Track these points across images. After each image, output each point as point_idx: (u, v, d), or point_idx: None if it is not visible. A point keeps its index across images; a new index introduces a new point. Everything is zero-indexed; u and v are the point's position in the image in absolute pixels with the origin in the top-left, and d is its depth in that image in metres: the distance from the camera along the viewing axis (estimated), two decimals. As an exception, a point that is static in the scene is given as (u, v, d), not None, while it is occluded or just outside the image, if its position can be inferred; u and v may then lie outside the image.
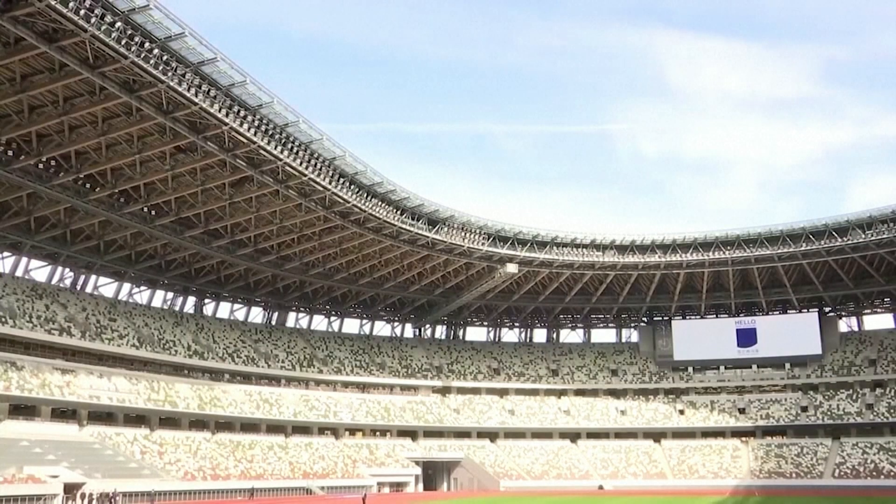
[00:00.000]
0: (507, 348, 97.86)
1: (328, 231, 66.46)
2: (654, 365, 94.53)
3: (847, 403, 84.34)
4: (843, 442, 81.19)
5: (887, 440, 79.41)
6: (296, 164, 53.04)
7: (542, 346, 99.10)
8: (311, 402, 78.94)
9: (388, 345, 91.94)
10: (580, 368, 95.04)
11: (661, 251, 79.87)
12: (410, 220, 66.87)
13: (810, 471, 77.81)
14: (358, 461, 74.29)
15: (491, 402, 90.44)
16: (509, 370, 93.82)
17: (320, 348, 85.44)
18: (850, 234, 73.07)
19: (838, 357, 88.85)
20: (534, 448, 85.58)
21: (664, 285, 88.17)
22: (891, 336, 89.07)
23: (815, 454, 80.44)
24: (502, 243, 75.33)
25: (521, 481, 78.35)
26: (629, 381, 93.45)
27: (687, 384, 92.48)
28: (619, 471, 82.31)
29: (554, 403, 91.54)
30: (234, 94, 46.81)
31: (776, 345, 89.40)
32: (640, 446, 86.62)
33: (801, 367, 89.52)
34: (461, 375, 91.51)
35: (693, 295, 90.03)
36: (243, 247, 67.19)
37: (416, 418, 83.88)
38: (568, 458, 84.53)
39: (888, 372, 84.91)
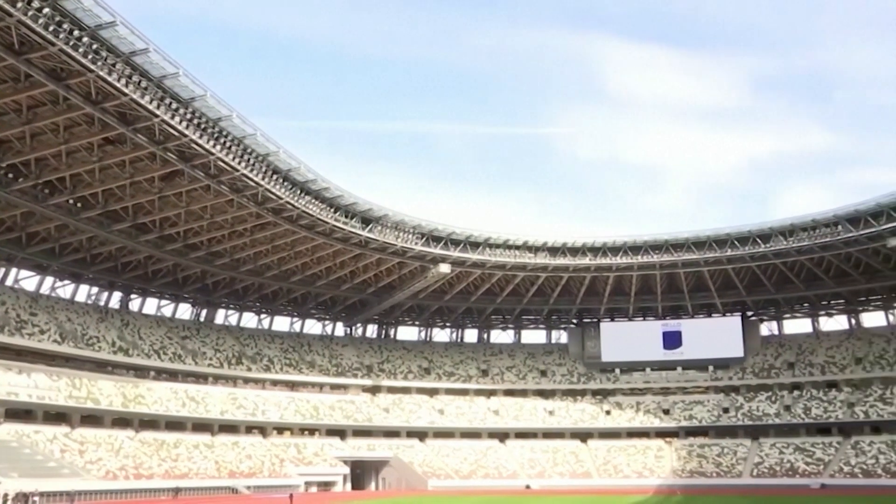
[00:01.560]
0: (437, 348, 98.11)
1: (260, 227, 65.62)
2: (582, 366, 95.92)
3: (766, 405, 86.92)
4: (761, 442, 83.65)
5: (803, 440, 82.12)
6: (228, 158, 52.24)
7: (472, 346, 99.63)
8: (239, 400, 77.88)
9: (318, 343, 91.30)
10: (510, 369, 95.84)
11: (592, 254, 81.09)
12: (344, 218, 66.49)
13: (730, 470, 79.98)
14: (285, 460, 73.60)
15: (421, 401, 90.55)
16: (440, 370, 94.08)
17: (249, 346, 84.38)
18: (772, 240, 75.36)
19: (759, 360, 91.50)
20: (462, 448, 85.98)
21: (594, 287, 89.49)
22: (808, 340, 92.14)
23: (734, 454, 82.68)
24: (435, 243, 75.47)
25: (450, 481, 78.64)
26: (558, 381, 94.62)
27: (614, 385, 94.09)
28: (546, 470, 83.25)
29: (483, 403, 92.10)
30: (165, 86, 45.83)
31: (700, 347, 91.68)
32: (567, 446, 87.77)
33: (723, 370, 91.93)
34: (391, 375, 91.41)
35: (622, 297, 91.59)
36: (172, 242, 65.85)
37: (345, 417, 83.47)
38: (496, 457, 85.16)
39: (805, 375, 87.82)
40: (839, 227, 71.14)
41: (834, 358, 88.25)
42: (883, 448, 76.86)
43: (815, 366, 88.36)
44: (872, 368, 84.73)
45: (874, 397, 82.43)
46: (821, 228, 72.37)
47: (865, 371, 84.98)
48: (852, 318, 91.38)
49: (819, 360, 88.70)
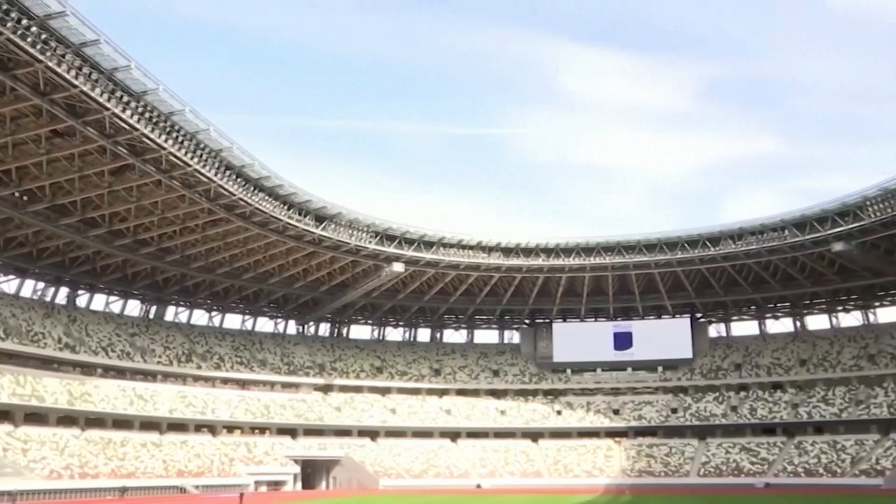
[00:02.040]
0: (390, 347, 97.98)
1: (212, 224, 64.91)
2: (534, 366, 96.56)
3: (713, 405, 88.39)
4: (708, 442, 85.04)
5: (748, 440, 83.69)
6: (180, 154, 51.60)
7: (425, 345, 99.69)
8: (189, 398, 76.92)
9: (270, 341, 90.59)
10: (462, 368, 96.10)
11: (545, 255, 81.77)
12: (297, 215, 66.10)
13: (678, 470, 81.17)
14: (235, 459, 72.89)
15: (373, 400, 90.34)
16: (392, 369, 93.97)
17: (200, 343, 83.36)
18: (721, 244, 76.85)
19: (707, 361, 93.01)
20: (414, 447, 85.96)
21: (547, 288, 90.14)
22: (755, 342, 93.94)
23: (682, 454, 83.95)
24: (389, 242, 75.41)
25: (401, 480, 78.60)
26: (510, 381, 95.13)
27: (565, 385, 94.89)
28: (496, 470, 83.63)
29: (436, 403, 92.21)
30: (117, 79, 45.11)
31: (650, 348, 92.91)
32: (519, 446, 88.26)
33: (672, 371, 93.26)
34: (344, 373, 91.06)
35: (574, 298, 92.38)
36: (122, 237, 64.79)
37: (296, 416, 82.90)
38: (447, 457, 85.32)
39: (752, 376, 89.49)
40: (786, 232, 72.86)
41: (779, 360, 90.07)
42: (825, 448, 78.70)
43: (761, 367, 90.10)
44: (816, 370, 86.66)
45: (817, 398, 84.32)
46: (768, 233, 74.04)
47: (809, 373, 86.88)
48: (797, 320, 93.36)
49: (765, 362, 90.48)
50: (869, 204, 65.42)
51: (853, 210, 67.22)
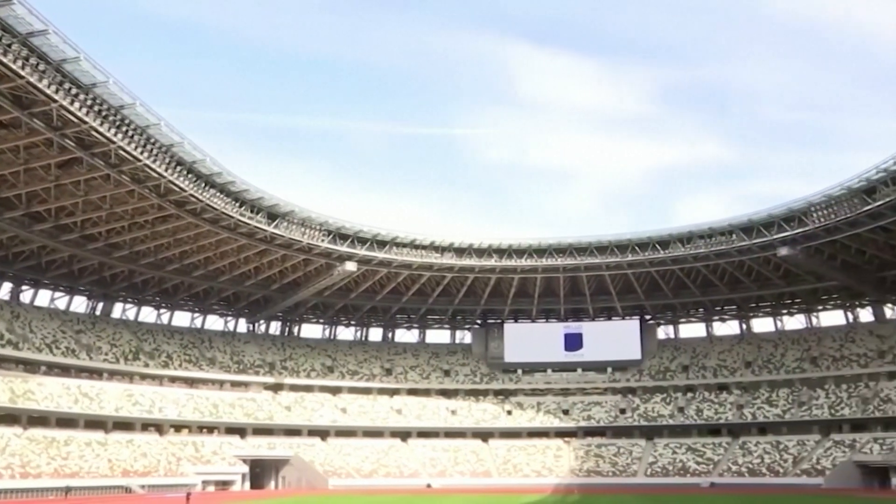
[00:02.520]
0: (341, 346, 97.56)
1: (162, 220, 64.05)
2: (485, 366, 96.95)
3: (661, 406, 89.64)
4: (655, 442, 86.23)
5: (694, 441, 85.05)
6: (130, 148, 50.84)
7: (377, 344, 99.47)
8: (136, 396, 75.73)
9: (219, 339, 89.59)
10: (414, 368, 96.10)
11: (498, 255, 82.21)
12: (249, 212, 65.56)
13: (625, 469, 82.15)
14: (182, 459, 71.93)
15: (323, 399, 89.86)
16: (343, 368, 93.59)
17: (147, 341, 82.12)
18: (671, 247, 78.12)
19: (655, 362, 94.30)
20: (364, 447, 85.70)
21: (499, 289, 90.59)
22: (702, 344, 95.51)
23: (630, 454, 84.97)
24: (342, 241, 75.14)
25: (351, 479, 78.33)
26: (461, 381, 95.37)
27: (516, 386, 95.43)
28: (447, 469, 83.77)
29: (386, 402, 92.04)
30: (65, 71, 44.29)
31: (600, 350, 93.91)
32: (469, 445, 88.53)
33: (621, 372, 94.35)
34: (294, 372, 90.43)
35: (526, 299, 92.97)
36: (68, 232, 63.49)
37: (245, 415, 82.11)
38: (398, 456, 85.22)
39: (699, 377, 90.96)
40: (733, 236, 74.29)
41: (725, 361, 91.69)
42: (768, 448, 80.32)
43: (707, 369, 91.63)
44: (760, 372, 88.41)
45: (761, 399, 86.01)
46: (716, 237, 75.42)
47: (754, 374, 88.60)
48: (743, 323, 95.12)
49: (712, 364, 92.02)
50: (813, 210, 67.04)
51: (798, 216, 68.84)
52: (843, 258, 74.72)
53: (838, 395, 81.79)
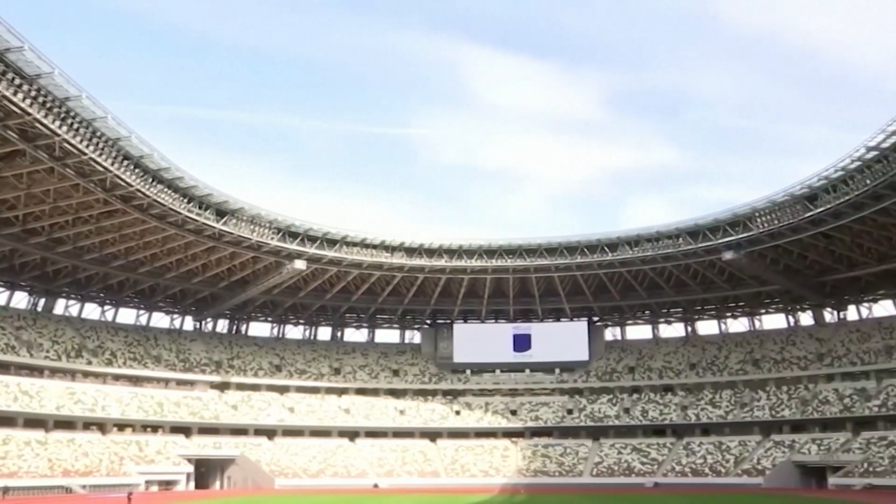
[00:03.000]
0: (290, 345, 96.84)
1: (108, 215, 62.90)
2: (434, 366, 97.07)
3: (607, 407, 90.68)
4: (601, 443, 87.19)
5: (639, 441, 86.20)
6: (75, 141, 49.86)
7: (325, 344, 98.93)
8: (78, 395, 74.22)
9: (165, 337, 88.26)
10: (363, 368, 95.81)
11: (448, 256, 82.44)
12: (198, 209, 64.75)
13: (571, 469, 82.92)
14: (125, 458, 70.71)
15: (271, 399, 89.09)
16: (291, 367, 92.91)
17: (91, 338, 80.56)
18: (619, 250, 79.27)
19: (602, 364, 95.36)
20: (312, 446, 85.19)
21: (449, 289, 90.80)
22: (648, 346, 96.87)
23: (576, 454, 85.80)
24: (292, 239, 74.61)
25: (297, 479, 77.78)
26: (410, 381, 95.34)
27: (464, 386, 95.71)
28: (394, 469, 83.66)
29: (335, 402, 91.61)
30: (8, 61, 43.28)
31: (548, 351, 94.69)
32: (417, 445, 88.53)
33: (569, 373, 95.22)
34: (241, 371, 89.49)
35: (475, 300, 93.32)
36: (9, 226, 61.97)
37: (191, 414, 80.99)
38: (345, 456, 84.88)
39: (644, 379, 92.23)
40: (680, 240, 75.61)
41: (671, 363, 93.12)
42: (711, 448, 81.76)
43: (653, 370, 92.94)
44: (704, 374, 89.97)
45: (705, 401, 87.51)
46: (664, 240, 76.70)
47: (698, 376, 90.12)
48: (688, 325, 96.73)
49: (657, 365, 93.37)
50: (758, 215, 68.58)
51: (743, 221, 70.33)
52: (785, 263, 76.53)
53: (779, 396, 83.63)
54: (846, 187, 59.54)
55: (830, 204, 61.62)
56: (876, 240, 68.50)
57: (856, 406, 76.35)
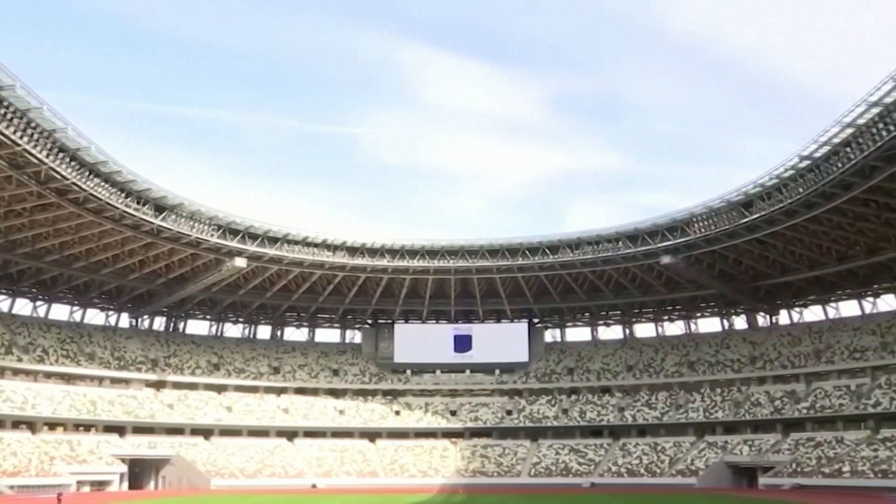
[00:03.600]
0: (228, 344, 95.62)
1: (42, 208, 61.38)
2: (374, 366, 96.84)
3: (546, 408, 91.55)
4: (540, 443, 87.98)
5: (577, 442, 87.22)
6: (8, 132, 48.60)
7: (265, 342, 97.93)
8: (7, 392, 72.15)
9: (100, 334, 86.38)
10: (302, 367, 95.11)
11: (390, 256, 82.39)
12: (135, 204, 63.61)
13: (510, 470, 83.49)
14: (56, 458, 68.98)
15: (208, 398, 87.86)
16: (230, 366, 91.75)
17: (21, 335, 78.45)
18: (560, 252, 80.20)
19: (542, 365, 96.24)
20: (249, 446, 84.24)
21: (390, 289, 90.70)
22: (587, 348, 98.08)
23: (515, 454, 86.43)
24: (232, 236, 73.73)
25: (234, 480, 76.85)
26: (350, 381, 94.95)
27: (404, 386, 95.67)
28: (333, 469, 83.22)
29: (273, 401, 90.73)
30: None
31: (489, 352, 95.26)
32: (356, 445, 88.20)
33: (509, 374, 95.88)
34: (178, 370, 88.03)
35: (417, 300, 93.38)
36: (-63, 218, 60.21)
37: (125, 413, 79.41)
38: (283, 456, 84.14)
39: (583, 380, 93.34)
40: (620, 244, 76.84)
41: (609, 365, 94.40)
42: (646, 449, 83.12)
43: (591, 372, 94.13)
44: (641, 376, 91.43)
45: (641, 402, 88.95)
46: (604, 243, 77.88)
47: (635, 378, 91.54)
48: (627, 328, 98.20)
49: (596, 367, 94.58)
50: (695, 221, 70.04)
51: (681, 226, 71.77)
52: (720, 268, 78.27)
53: (713, 398, 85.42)
54: (780, 195, 61.12)
55: (765, 211, 63.23)
56: (807, 246, 70.51)
57: (786, 408, 78.41)
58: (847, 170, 53.18)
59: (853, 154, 52.12)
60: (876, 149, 49.71)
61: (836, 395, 75.78)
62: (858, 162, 51.82)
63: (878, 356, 74.64)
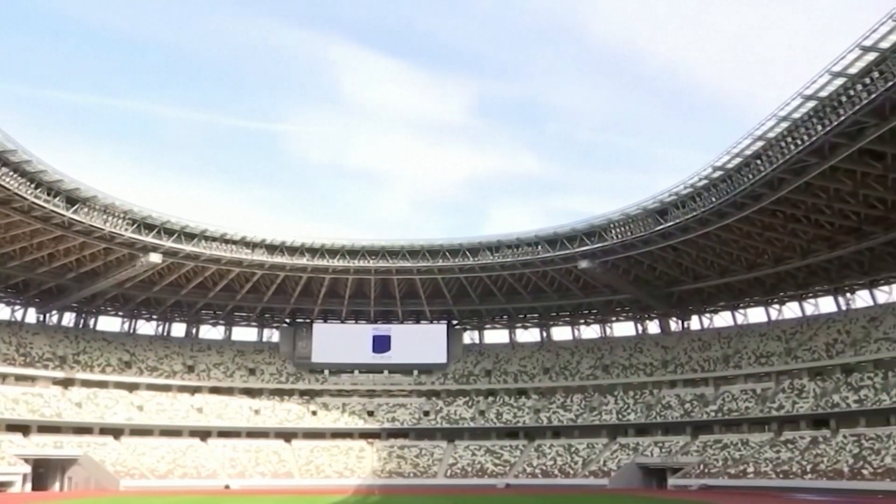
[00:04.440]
0: (141, 341, 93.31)
1: (-56, 198, 58.91)
2: (292, 366, 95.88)
3: (463, 409, 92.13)
4: (456, 444, 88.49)
5: (493, 443, 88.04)
6: (-89, 117, 46.47)
7: (179, 340, 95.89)
8: None
9: (4, 329, 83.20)
10: (218, 366, 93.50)
11: (310, 255, 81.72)
12: (46, 195, 61.56)
13: (426, 471, 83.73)
14: (-45, 458, 66.32)
15: (119, 396, 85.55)
16: (142, 364, 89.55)
17: (-81, 329, 75.12)
18: (480, 255, 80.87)
19: (460, 367, 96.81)
20: (161, 446, 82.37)
21: (309, 288, 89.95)
22: (505, 350, 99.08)
23: (431, 455, 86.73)
24: (148, 231, 72.00)
25: (144, 480, 75.04)
26: (266, 380, 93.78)
27: (322, 386, 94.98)
28: (247, 470, 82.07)
29: (187, 400, 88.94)
30: None
31: (408, 352, 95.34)
32: (271, 446, 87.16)
33: (427, 375, 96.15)
34: (88, 367, 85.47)
35: (336, 300, 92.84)
36: None
37: (30, 412, 76.67)
38: (196, 456, 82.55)
39: (500, 382, 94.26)
40: (539, 247, 77.99)
41: (526, 367, 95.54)
42: (560, 451, 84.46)
43: (509, 374, 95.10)
44: (557, 378, 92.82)
45: (557, 404, 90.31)
46: (523, 247, 78.89)
47: (551, 380, 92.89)
48: (544, 331, 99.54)
49: (513, 369, 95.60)
50: (612, 227, 71.58)
51: (599, 231, 73.23)
52: (636, 273, 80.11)
53: (626, 401, 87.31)
54: (694, 203, 62.90)
55: (679, 219, 64.99)
56: (718, 254, 72.76)
57: (695, 411, 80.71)
58: (757, 181, 55.08)
59: (763, 166, 54.05)
60: (784, 161, 51.63)
61: (743, 398, 78.40)
62: (768, 174, 53.73)
63: (783, 361, 77.53)
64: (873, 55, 41.85)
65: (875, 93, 42.99)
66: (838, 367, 72.43)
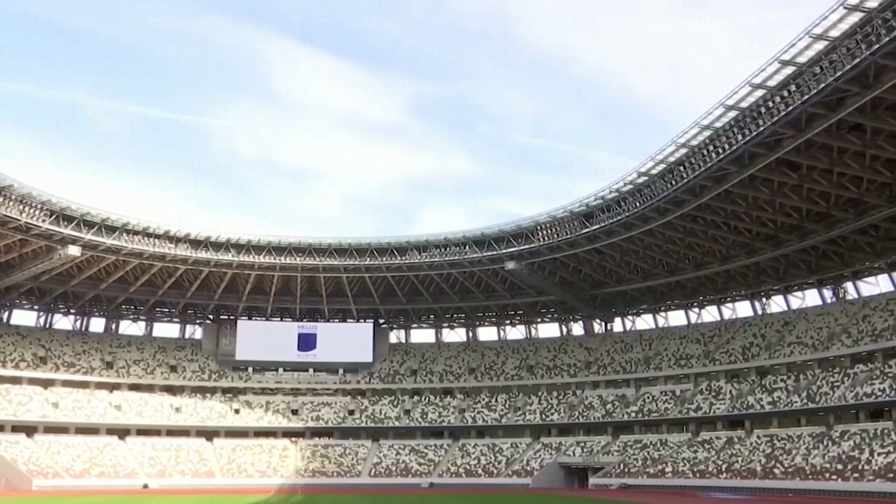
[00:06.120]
0: (58, 336, 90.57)
1: None
2: (215, 363, 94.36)
3: (388, 409, 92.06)
4: (381, 444, 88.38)
5: (418, 442, 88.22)
6: None
7: (98, 336, 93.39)
8: None
9: (-89, 323, 79.96)
10: (138, 362, 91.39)
11: (236, 250, 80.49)
12: (-41, 184, 59.32)
13: (350, 470, 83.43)
14: None
15: (33, 393, 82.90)
16: (58, 360, 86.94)
17: None
18: (408, 254, 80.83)
19: (386, 366, 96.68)
20: (77, 444, 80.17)
21: (234, 284, 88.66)
22: (431, 349, 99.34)
23: (356, 454, 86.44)
24: (67, 223, 69.90)
25: (59, 480, 72.90)
26: (188, 378, 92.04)
27: (245, 384, 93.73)
28: (167, 469, 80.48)
29: (105, 398, 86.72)
30: None
31: (333, 351, 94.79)
32: (192, 444, 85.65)
33: (352, 374, 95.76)
34: (0, 362, 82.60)
35: (261, 297, 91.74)
36: None
37: (-63, 408, 73.90)
38: (114, 455, 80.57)
39: (425, 382, 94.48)
40: (467, 248, 78.39)
41: (451, 367, 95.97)
42: (484, 450, 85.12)
43: (434, 374, 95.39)
44: (483, 378, 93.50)
45: (482, 404, 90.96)
46: (451, 247, 79.20)
47: (477, 380, 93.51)
48: (470, 331, 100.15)
49: (438, 369, 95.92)
50: (539, 229, 72.44)
51: (526, 233, 74.02)
52: (561, 275, 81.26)
53: (549, 401, 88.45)
54: (619, 208, 64.13)
55: (604, 223, 66.19)
56: (641, 258, 74.31)
57: (616, 412, 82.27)
58: (680, 187, 56.49)
59: (685, 173, 55.45)
60: (706, 169, 53.10)
61: (663, 399, 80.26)
62: (690, 181, 55.16)
63: (701, 364, 79.61)
64: (791, 69, 43.53)
65: (792, 105, 44.66)
66: (753, 369, 74.78)
